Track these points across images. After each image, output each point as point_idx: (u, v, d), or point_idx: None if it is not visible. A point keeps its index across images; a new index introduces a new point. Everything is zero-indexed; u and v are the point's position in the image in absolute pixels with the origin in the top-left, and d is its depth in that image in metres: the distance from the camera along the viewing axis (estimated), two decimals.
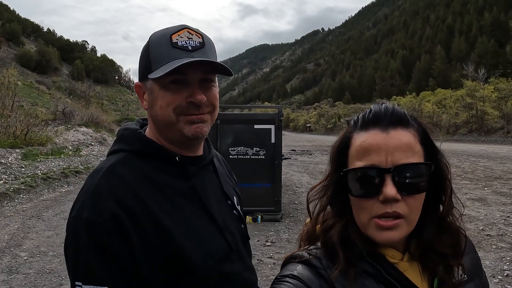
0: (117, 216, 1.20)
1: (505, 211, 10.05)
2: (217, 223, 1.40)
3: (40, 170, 15.63)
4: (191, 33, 1.34)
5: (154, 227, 1.24)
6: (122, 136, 1.43)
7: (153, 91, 1.34)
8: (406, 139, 1.00)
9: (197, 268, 1.28)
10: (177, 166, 1.38)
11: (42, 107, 33.77)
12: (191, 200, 1.37)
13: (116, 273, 1.18)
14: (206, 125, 1.37)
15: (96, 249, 1.18)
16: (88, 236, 1.19)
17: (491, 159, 23.23)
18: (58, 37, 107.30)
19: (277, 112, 10.00)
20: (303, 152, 31.91)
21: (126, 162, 1.33)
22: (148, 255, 1.22)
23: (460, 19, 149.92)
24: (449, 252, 1.05)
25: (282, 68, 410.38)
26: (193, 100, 1.30)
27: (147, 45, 1.36)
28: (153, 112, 1.36)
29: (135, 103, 76.46)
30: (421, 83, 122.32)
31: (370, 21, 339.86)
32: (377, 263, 1.02)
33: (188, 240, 1.28)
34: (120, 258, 1.19)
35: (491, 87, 52.63)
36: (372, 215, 0.98)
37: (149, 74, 1.32)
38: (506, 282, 5.95)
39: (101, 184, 1.25)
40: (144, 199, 1.26)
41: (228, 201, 1.53)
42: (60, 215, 9.96)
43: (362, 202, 1.00)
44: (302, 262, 1.04)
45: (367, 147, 1.00)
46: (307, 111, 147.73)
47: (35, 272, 6.31)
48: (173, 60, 1.27)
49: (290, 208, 10.82)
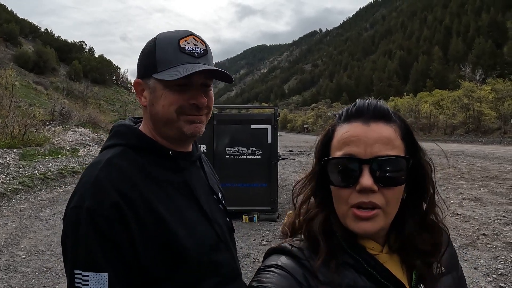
0: (118, 205, 1.25)
1: (501, 211, 10.11)
2: (207, 214, 1.48)
3: (38, 170, 15.65)
4: (196, 40, 1.42)
5: (152, 216, 1.30)
6: (117, 132, 1.49)
7: (155, 90, 1.40)
8: (387, 133, 1.01)
9: (190, 255, 1.35)
10: (170, 160, 1.46)
11: (39, 107, 33.65)
12: (183, 192, 1.45)
13: (116, 260, 1.23)
14: (203, 125, 1.47)
15: (97, 237, 1.22)
16: (89, 224, 1.22)
17: (488, 159, 23.31)
18: (56, 37, 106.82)
19: (273, 113, 10.06)
20: (300, 153, 31.95)
21: (123, 155, 1.39)
22: (146, 243, 1.28)
23: (458, 20, 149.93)
24: (428, 250, 1.08)
25: (280, 69, 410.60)
26: (197, 102, 1.39)
27: (152, 45, 1.42)
28: (154, 110, 1.42)
29: (132, 104, 76.35)
30: (419, 83, 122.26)
31: (367, 22, 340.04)
32: (357, 254, 1.03)
33: (182, 229, 1.35)
34: (120, 246, 1.24)
35: (488, 88, 52.75)
36: (350, 205, 0.99)
37: (155, 74, 1.38)
38: (500, 280, 5.99)
39: (101, 175, 1.30)
40: (142, 189, 1.32)
41: (214, 195, 1.62)
42: (57, 214, 9.98)
43: (340, 192, 1.02)
44: (285, 253, 1.06)
45: (348, 138, 1.02)
46: (304, 112, 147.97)
47: (32, 270, 6.35)
48: (180, 65, 1.36)
49: (288, 207, 10.74)
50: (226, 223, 1.63)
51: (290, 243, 1.09)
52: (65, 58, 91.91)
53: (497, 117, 49.41)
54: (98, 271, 1.20)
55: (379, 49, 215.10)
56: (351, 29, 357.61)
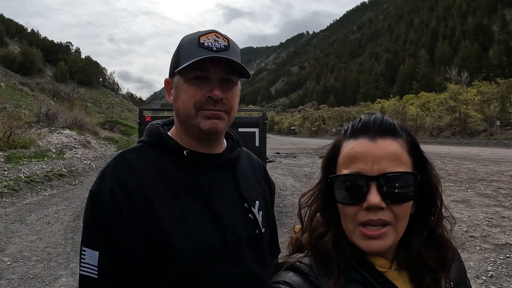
0: (115, 193, 1.33)
1: (488, 213, 10.17)
2: (219, 221, 1.42)
3: (23, 173, 15.44)
4: (218, 37, 1.45)
5: (147, 209, 1.34)
6: (145, 130, 1.56)
7: (178, 86, 1.45)
8: (393, 148, 1.01)
9: (180, 258, 1.33)
10: (186, 160, 1.46)
11: (25, 109, 33.36)
12: (195, 194, 1.42)
13: (107, 241, 1.32)
14: (222, 122, 1.44)
15: (94, 219, 1.35)
16: (91, 207, 1.37)
17: (474, 161, 23.52)
18: (42, 38, 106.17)
19: (261, 116, 10.00)
20: (288, 155, 32.00)
21: (138, 150, 1.48)
22: (138, 236, 1.32)
23: (444, 23, 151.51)
24: (436, 265, 1.06)
25: (267, 71, 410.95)
26: (211, 95, 1.39)
27: (178, 45, 1.48)
28: (176, 105, 1.47)
29: (119, 106, 76.06)
30: (405, 86, 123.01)
31: (354, 24, 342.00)
32: (366, 271, 1.02)
33: (177, 229, 1.35)
34: (112, 229, 1.32)
35: (474, 90, 53.36)
36: (357, 223, 0.99)
37: (177, 69, 1.43)
38: (491, 283, 6.00)
39: (109, 166, 1.42)
40: (144, 183, 1.37)
41: (245, 204, 1.53)
42: (43, 219, 9.84)
43: (347, 209, 1.01)
44: (293, 269, 1.05)
45: (354, 154, 1.01)
46: (291, 114, 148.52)
47: (18, 277, 6.21)
48: (198, 58, 1.37)
49: (275, 211, 10.62)
50: (251, 235, 1.51)
51: (298, 259, 1.08)
52: (51, 59, 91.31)
53: (483, 119, 49.91)
54: (92, 249, 1.33)
55: (366, 52, 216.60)
56: (338, 32, 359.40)
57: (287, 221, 9.55)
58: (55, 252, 7.24)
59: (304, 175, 18.29)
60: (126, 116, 64.39)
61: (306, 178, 17.15)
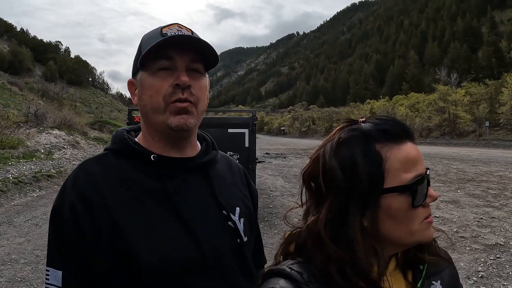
0: (74, 206, 1.23)
1: (478, 213, 10.23)
2: (191, 230, 1.29)
3: (12, 174, 15.27)
4: (181, 27, 1.36)
5: (109, 221, 1.22)
6: (111, 137, 1.45)
7: (142, 81, 1.33)
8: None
9: (145, 270, 1.20)
10: (152, 165, 1.33)
11: (14, 109, 33.05)
12: (162, 202, 1.29)
13: (70, 259, 1.22)
14: (192, 117, 1.33)
15: (56, 235, 1.26)
16: (52, 224, 1.28)
17: (464, 161, 23.68)
18: (31, 37, 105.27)
19: (251, 116, 9.98)
20: (277, 156, 32.02)
21: (100, 158, 1.37)
22: (100, 247, 1.21)
23: (434, 25, 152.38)
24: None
25: (257, 71, 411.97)
26: (177, 81, 1.28)
27: (140, 41, 1.38)
28: (142, 102, 1.35)
29: (108, 106, 75.61)
30: (395, 87, 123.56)
31: (344, 25, 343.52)
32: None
33: (143, 241, 1.22)
34: (73, 245, 1.22)
35: (463, 91, 53.79)
36: (422, 219, 1.04)
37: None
38: (481, 283, 6.02)
39: (69, 178, 1.32)
40: (105, 194, 1.26)
41: (223, 211, 1.39)
42: (31, 220, 9.75)
43: (419, 211, 1.04)
44: (284, 276, 1.03)
45: (414, 158, 1.05)
46: (281, 114, 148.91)
47: (6, 280, 6.13)
48: (159, 40, 1.28)
49: (265, 212, 10.69)
50: (232, 245, 1.38)
51: (289, 266, 1.05)
52: (40, 58, 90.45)
53: (472, 120, 50.36)
54: (55, 268, 1.23)
55: (356, 53, 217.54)
56: (328, 33, 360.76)
57: (277, 222, 9.53)
58: (43, 255, 7.08)
59: (294, 176, 18.27)
60: (115, 116, 63.83)
61: (296, 179, 17.10)
